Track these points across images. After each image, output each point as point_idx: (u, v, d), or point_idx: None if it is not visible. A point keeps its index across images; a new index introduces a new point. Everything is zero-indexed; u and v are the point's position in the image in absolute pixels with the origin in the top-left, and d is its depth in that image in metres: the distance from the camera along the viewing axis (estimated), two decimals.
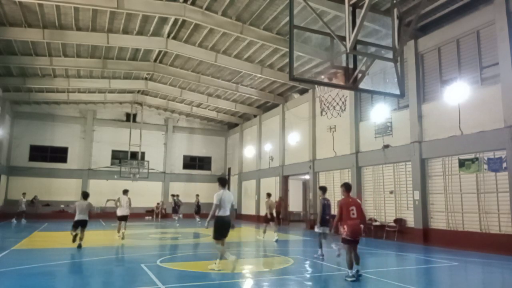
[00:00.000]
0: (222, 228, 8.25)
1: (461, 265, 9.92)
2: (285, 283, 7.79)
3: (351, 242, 7.63)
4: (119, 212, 14.81)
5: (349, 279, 7.48)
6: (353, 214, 7.65)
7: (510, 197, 11.59)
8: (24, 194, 24.08)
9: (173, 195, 23.98)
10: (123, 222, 14.81)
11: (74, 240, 11.93)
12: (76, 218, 12.02)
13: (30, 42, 18.04)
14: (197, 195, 23.96)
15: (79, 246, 11.73)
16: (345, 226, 7.63)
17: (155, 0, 15.15)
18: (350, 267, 7.60)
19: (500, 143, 12.01)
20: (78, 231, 11.93)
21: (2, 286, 6.88)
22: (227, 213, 8.32)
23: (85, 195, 12.65)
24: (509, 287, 7.99)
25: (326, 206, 10.62)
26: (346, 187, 8.15)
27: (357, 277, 7.55)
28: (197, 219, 22.35)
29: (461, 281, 8.54)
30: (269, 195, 16.38)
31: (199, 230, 19.13)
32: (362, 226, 7.76)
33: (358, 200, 8.24)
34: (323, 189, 11.09)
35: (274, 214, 15.83)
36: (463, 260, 10.56)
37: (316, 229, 10.80)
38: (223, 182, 8.65)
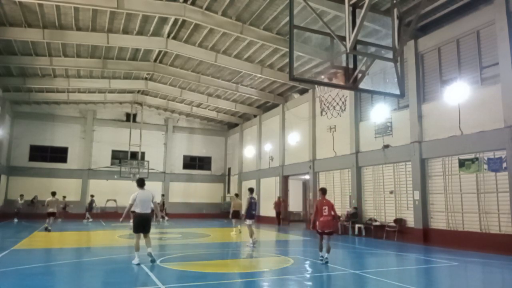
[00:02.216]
0: (138, 223, 9.16)
1: (461, 265, 9.92)
2: (285, 283, 7.79)
3: (321, 233, 9.67)
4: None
5: (319, 260, 9.64)
6: (325, 212, 9.56)
7: (510, 197, 11.59)
8: (21, 196, 24.16)
9: (92, 196, 26.00)
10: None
11: (46, 229, 16.64)
12: (49, 211, 16.74)
13: (30, 42, 18.04)
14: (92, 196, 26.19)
15: (49, 230, 16.45)
16: (317, 222, 9.62)
17: (155, 0, 15.15)
18: (320, 250, 9.79)
19: (500, 143, 12.01)
20: (51, 221, 16.93)
21: (2, 286, 6.88)
22: (144, 210, 9.17)
23: (53, 193, 17.25)
24: (509, 287, 7.98)
25: (252, 203, 12.99)
26: (323, 191, 10.18)
27: (324, 261, 9.48)
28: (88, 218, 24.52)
29: (461, 281, 8.55)
30: (236, 195, 19.23)
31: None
32: (334, 221, 9.84)
33: (331, 202, 10.00)
34: (251, 190, 13.53)
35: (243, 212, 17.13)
36: (463, 260, 10.55)
37: (246, 222, 13.15)
38: (140, 183, 9.51)
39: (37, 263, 9.39)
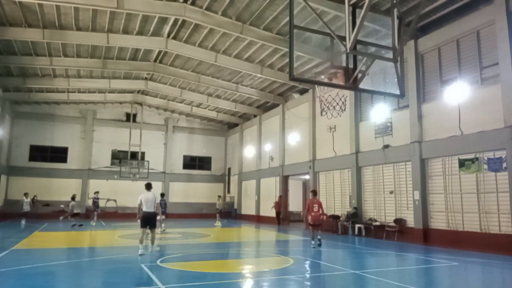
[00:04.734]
0: (143, 220, 10.83)
1: (461, 265, 9.92)
2: (285, 283, 7.79)
3: (314, 226, 12.36)
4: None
5: (312, 246, 12.19)
6: (315, 209, 12.22)
7: (510, 197, 11.59)
8: (26, 194, 23.46)
9: (95, 192, 23.01)
10: None
11: (74, 226, 19.50)
12: (74, 211, 20.10)
13: (30, 42, 18.03)
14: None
15: (81, 225, 19.75)
16: (309, 217, 12.31)
17: (155, 0, 15.15)
18: (312, 239, 12.32)
19: (500, 143, 12.01)
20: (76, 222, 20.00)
21: (2, 286, 6.89)
22: (148, 209, 10.77)
23: (73, 197, 20.20)
24: (509, 287, 7.99)
25: (163, 204, 17.01)
26: (314, 192, 13.25)
27: (316, 246, 12.15)
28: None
29: (461, 281, 8.54)
30: (219, 197, 24.39)
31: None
32: (323, 217, 12.86)
33: (320, 201, 12.86)
34: (162, 195, 18.16)
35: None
36: (463, 260, 10.55)
37: (158, 217, 15.86)
38: (146, 186, 11.15)
39: (37, 263, 9.39)
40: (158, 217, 11.98)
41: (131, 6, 14.83)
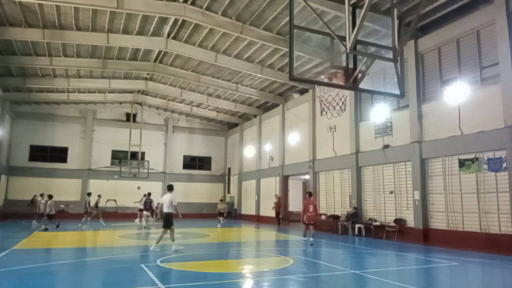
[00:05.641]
0: (164, 219, 11.81)
1: (461, 265, 9.92)
2: (285, 283, 7.79)
3: (307, 224, 13.54)
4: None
5: (303, 241, 13.59)
6: (310, 209, 13.44)
7: (510, 197, 11.59)
8: (42, 195, 21.47)
9: (88, 194, 22.17)
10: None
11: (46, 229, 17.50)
12: (51, 213, 18.11)
13: (30, 42, 18.03)
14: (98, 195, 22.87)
15: (46, 229, 17.44)
16: (305, 216, 13.53)
17: (155, 0, 15.15)
18: (304, 236, 13.81)
19: (500, 143, 12.01)
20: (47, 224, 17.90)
21: (2, 286, 6.88)
22: (164, 210, 11.71)
23: (50, 196, 18.41)
24: (509, 287, 7.99)
25: (148, 202, 20.43)
26: (309, 194, 14.49)
27: (310, 244, 13.14)
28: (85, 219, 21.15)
29: (461, 281, 8.55)
30: (221, 200, 25.14)
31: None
32: (316, 217, 14.02)
33: (315, 202, 14.15)
34: (149, 194, 20.67)
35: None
36: (463, 260, 10.56)
37: (146, 213, 19.81)
38: (167, 187, 12.35)
39: (37, 263, 9.39)
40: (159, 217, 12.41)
41: (131, 6, 14.83)
